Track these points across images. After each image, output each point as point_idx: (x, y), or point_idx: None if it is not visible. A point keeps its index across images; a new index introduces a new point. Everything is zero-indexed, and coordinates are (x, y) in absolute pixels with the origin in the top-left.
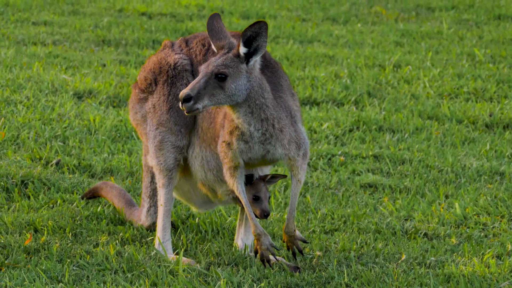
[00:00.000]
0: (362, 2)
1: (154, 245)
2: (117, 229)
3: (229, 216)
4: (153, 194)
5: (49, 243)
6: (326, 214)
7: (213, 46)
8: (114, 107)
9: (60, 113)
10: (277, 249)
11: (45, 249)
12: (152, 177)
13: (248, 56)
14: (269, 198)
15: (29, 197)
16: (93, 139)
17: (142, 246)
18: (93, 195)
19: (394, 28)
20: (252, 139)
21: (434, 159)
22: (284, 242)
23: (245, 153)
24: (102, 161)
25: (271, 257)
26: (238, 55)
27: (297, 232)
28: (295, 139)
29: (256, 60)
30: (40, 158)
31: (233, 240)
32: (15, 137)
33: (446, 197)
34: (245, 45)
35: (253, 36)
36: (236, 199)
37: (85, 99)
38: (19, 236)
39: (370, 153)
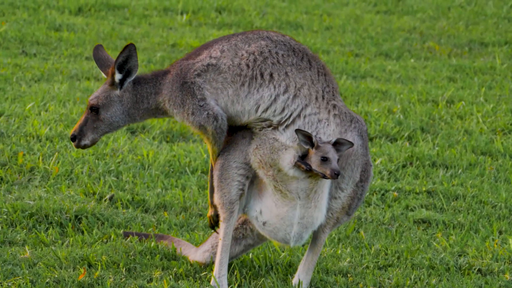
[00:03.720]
0: (415, 37)
1: (211, 277)
2: (171, 264)
3: (283, 252)
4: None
5: (103, 278)
6: (380, 250)
7: (103, 74)
8: (167, 142)
9: (113, 148)
10: (217, 216)
11: (99, 284)
12: None
13: (123, 80)
14: (338, 160)
15: (83, 232)
16: (147, 174)
17: (196, 281)
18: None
19: (447, 64)
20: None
21: (488, 195)
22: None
23: None
24: (156, 196)
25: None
26: (112, 83)
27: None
28: (180, 103)
29: (130, 82)
30: (94, 193)
31: (287, 275)
32: (69, 172)
33: (500, 233)
34: (119, 71)
35: (124, 60)
36: (299, 166)
37: (139, 134)
38: (73, 271)
39: (424, 188)
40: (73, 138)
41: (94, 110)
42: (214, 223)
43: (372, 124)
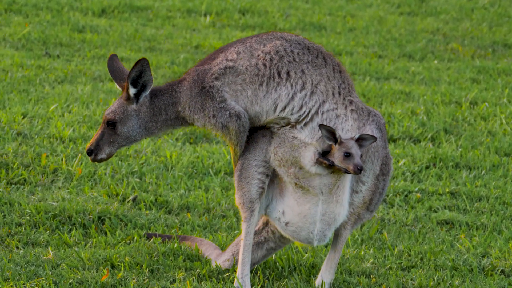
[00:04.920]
0: (439, 39)
1: (234, 278)
2: (194, 265)
3: (306, 253)
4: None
5: (126, 279)
6: (403, 251)
7: (118, 87)
8: (190, 143)
9: (136, 150)
10: None
11: (122, 285)
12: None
13: (138, 94)
14: (361, 156)
15: (106, 233)
16: (170, 176)
17: (219, 282)
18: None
19: (470, 65)
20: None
21: (511, 196)
22: None
23: None
24: (179, 197)
25: None
26: (127, 98)
27: None
28: (200, 108)
29: (146, 95)
30: (117, 194)
31: (310, 276)
32: (92, 173)
33: None
34: (133, 86)
35: (138, 75)
36: (321, 162)
37: (162, 136)
38: (96, 272)
39: (447, 190)
40: (90, 152)
41: (111, 124)
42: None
43: (396, 125)
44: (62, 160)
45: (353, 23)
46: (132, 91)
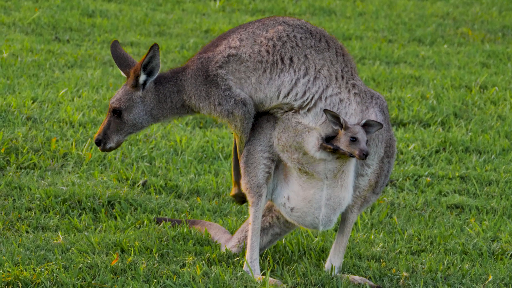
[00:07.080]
0: (448, 23)
1: (243, 262)
2: (203, 250)
3: (316, 237)
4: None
5: (136, 263)
6: (413, 235)
7: (122, 73)
8: (200, 128)
9: (146, 134)
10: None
11: (131, 270)
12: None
13: (145, 80)
14: (367, 141)
15: (115, 218)
16: (180, 160)
17: (229, 266)
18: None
19: (480, 49)
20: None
21: None
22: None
23: None
24: (189, 181)
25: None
26: (134, 85)
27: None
28: (205, 96)
29: (151, 82)
30: (127, 179)
31: (319, 260)
32: (102, 158)
33: None
34: (144, 73)
35: (148, 61)
36: (325, 147)
37: (171, 121)
38: (106, 256)
39: (457, 174)
40: (98, 142)
41: (116, 113)
42: (241, 200)
43: (405, 110)
44: (72, 144)
45: (363, 7)
46: (142, 78)
